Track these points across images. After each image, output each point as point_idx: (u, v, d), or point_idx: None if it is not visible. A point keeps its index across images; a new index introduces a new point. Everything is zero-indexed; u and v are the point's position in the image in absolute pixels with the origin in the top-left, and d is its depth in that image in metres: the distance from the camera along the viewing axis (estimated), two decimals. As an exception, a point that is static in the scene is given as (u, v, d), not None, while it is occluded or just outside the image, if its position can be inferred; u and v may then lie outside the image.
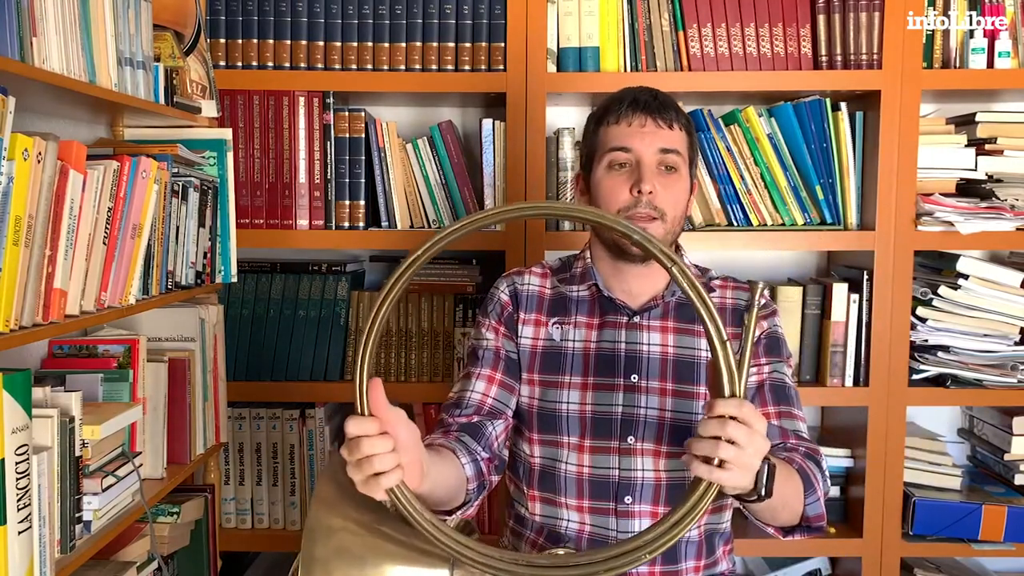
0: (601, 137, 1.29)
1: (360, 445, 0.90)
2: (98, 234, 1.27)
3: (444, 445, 1.20)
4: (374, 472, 0.91)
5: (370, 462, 0.90)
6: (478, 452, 1.23)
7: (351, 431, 0.91)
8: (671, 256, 0.89)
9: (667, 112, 1.26)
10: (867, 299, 1.84)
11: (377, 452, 0.90)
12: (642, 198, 1.23)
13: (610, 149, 1.26)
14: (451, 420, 1.28)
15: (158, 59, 1.51)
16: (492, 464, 1.26)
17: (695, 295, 0.89)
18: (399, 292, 0.91)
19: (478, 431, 1.26)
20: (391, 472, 0.91)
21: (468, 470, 1.20)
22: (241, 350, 1.89)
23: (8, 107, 1.04)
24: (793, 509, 1.16)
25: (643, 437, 1.27)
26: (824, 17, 1.81)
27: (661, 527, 0.91)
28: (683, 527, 0.91)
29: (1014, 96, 1.93)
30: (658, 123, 1.25)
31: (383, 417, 0.91)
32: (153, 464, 1.53)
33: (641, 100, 1.26)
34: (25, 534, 1.10)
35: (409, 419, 0.95)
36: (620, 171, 1.26)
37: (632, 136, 1.25)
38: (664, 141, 1.25)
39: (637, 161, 1.25)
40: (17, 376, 1.07)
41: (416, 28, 1.82)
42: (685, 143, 1.28)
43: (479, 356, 1.33)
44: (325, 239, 1.85)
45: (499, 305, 1.36)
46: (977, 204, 1.81)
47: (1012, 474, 1.92)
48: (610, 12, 1.81)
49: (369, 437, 0.90)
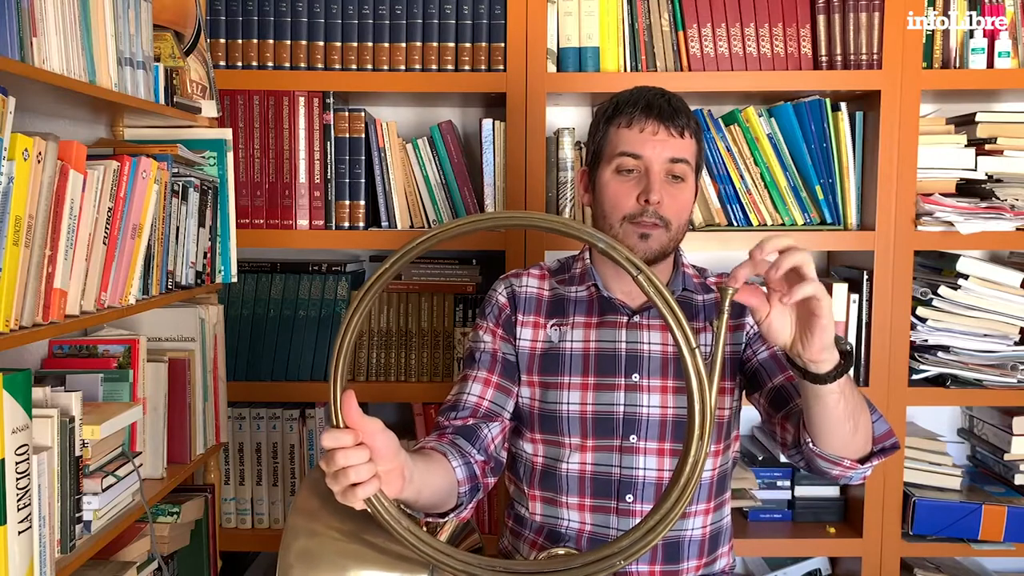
0: (611, 138, 1.28)
1: (335, 457, 0.91)
2: (98, 234, 1.27)
3: (436, 448, 1.20)
4: (350, 483, 0.92)
5: (346, 473, 0.92)
6: (472, 455, 1.23)
7: (326, 444, 0.92)
8: (637, 264, 0.88)
9: (679, 119, 1.24)
10: (867, 299, 1.84)
11: (352, 463, 0.91)
12: (649, 207, 1.23)
13: (619, 153, 1.25)
14: (446, 423, 1.28)
15: (158, 59, 1.51)
16: (487, 466, 1.25)
17: (662, 303, 0.88)
18: (364, 312, 0.93)
19: (473, 434, 1.25)
20: (367, 483, 0.92)
21: (459, 473, 1.19)
22: (241, 350, 1.89)
23: (8, 107, 1.04)
24: (865, 426, 1.12)
25: (645, 436, 1.27)
26: (824, 17, 1.81)
27: (635, 534, 0.92)
28: (657, 534, 0.91)
29: (1014, 96, 1.93)
30: (670, 131, 1.24)
31: (358, 427, 0.92)
32: (153, 464, 1.53)
33: (655, 105, 1.25)
34: (25, 534, 1.10)
35: (386, 427, 0.96)
36: (628, 177, 1.25)
37: (644, 143, 1.24)
38: (674, 151, 1.24)
39: (646, 169, 1.24)
40: (17, 376, 1.07)
41: (416, 28, 1.82)
42: (694, 151, 1.27)
43: (476, 359, 1.33)
44: (325, 239, 1.85)
45: (497, 307, 1.35)
46: (977, 204, 1.81)
47: (1012, 474, 1.92)
48: (610, 12, 1.81)
49: (344, 449, 0.91)
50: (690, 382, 0.89)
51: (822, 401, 1.07)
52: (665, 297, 0.88)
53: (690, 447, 0.90)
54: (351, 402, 0.92)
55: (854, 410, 1.09)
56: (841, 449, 1.13)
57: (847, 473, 1.16)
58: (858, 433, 1.12)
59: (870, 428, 1.15)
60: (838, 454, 1.14)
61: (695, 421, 0.90)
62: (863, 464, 1.15)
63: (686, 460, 0.90)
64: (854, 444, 1.13)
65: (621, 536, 0.93)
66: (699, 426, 0.89)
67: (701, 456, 0.90)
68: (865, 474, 1.17)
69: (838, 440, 1.12)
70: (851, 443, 1.12)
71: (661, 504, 0.91)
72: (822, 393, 1.05)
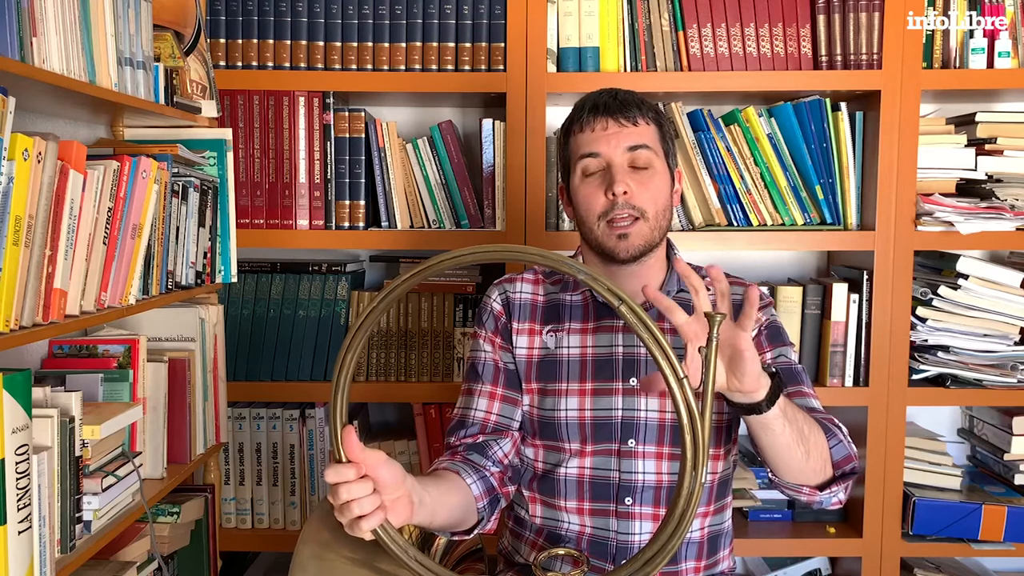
0: (572, 147, 1.30)
1: (339, 492, 0.95)
2: (98, 234, 1.27)
3: (449, 468, 1.21)
4: (355, 516, 0.95)
5: (350, 507, 0.95)
6: (487, 467, 1.24)
7: (330, 479, 0.95)
8: (619, 295, 0.88)
9: (628, 110, 1.25)
10: (867, 299, 1.84)
11: (355, 497, 0.94)
12: (618, 200, 1.23)
13: (580, 157, 1.27)
14: (457, 442, 1.29)
15: (158, 59, 1.51)
16: (505, 475, 1.27)
17: (647, 335, 0.87)
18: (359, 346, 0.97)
19: (484, 449, 1.27)
20: (372, 515, 0.95)
21: (475, 489, 1.21)
22: (241, 350, 1.89)
23: (8, 107, 1.04)
24: (818, 449, 1.14)
25: (644, 440, 1.27)
26: (824, 17, 1.81)
27: (634, 565, 0.92)
28: (655, 566, 0.91)
29: (1014, 96, 1.93)
30: (620, 122, 1.25)
31: (360, 461, 0.95)
32: (153, 464, 1.53)
33: (601, 103, 1.26)
34: (25, 534, 1.10)
35: (390, 457, 0.98)
36: (593, 177, 1.26)
37: (598, 141, 1.25)
38: (630, 139, 1.25)
39: (607, 164, 1.25)
40: (17, 376, 1.07)
41: (416, 28, 1.82)
42: (655, 135, 1.27)
43: (479, 371, 1.33)
44: (325, 239, 1.85)
45: (493, 315, 1.35)
46: (977, 204, 1.81)
47: (1012, 474, 1.92)
48: (610, 12, 1.81)
49: (348, 483, 0.94)
50: (680, 416, 0.87)
51: (769, 429, 1.09)
52: (649, 328, 0.87)
53: (683, 480, 0.88)
54: (352, 437, 0.95)
55: (802, 433, 1.11)
56: (798, 475, 1.16)
57: (813, 499, 1.18)
58: (811, 457, 1.13)
59: (825, 451, 1.16)
60: (796, 482, 1.17)
61: (687, 453, 0.88)
62: (823, 491, 1.17)
63: (680, 492, 0.89)
64: (809, 469, 1.15)
65: (619, 568, 0.93)
66: (691, 457, 0.88)
67: (695, 487, 0.88)
68: (832, 501, 1.19)
69: (795, 466, 1.14)
70: (806, 468, 1.14)
71: (658, 536, 0.91)
72: (768, 421, 1.07)
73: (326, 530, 1.07)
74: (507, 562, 1.40)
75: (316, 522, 1.09)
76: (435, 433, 1.92)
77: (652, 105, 1.30)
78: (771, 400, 1.06)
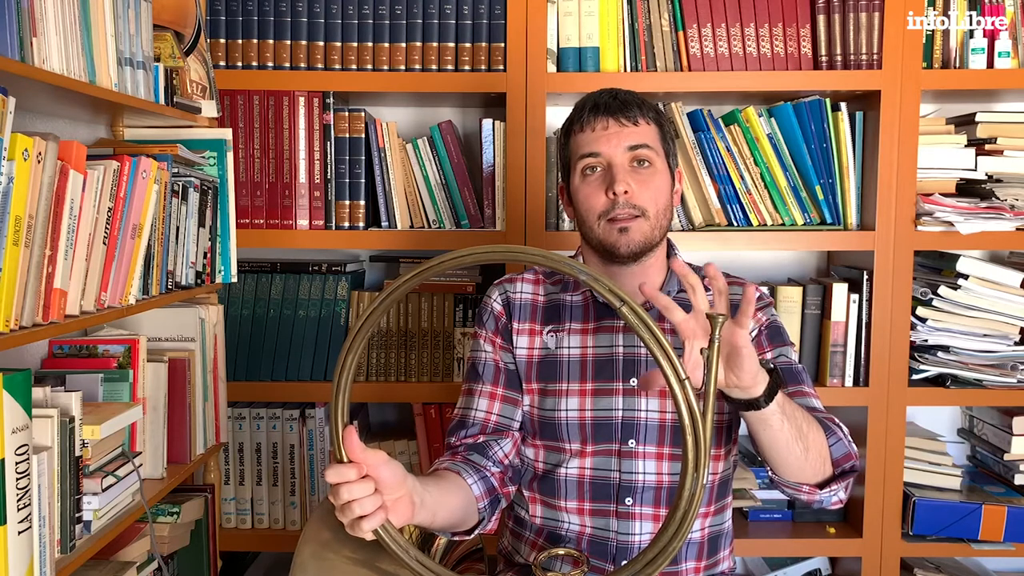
0: (572, 146, 1.30)
1: (340, 492, 0.95)
2: (98, 234, 1.27)
3: (450, 468, 1.21)
4: (356, 516, 0.95)
5: (351, 507, 0.95)
6: (487, 467, 1.25)
7: (330, 479, 0.95)
8: (621, 296, 0.88)
9: (628, 110, 1.26)
10: (867, 299, 1.84)
11: (356, 497, 0.95)
12: (619, 199, 1.23)
13: (581, 156, 1.27)
14: (457, 443, 1.29)
15: (158, 59, 1.51)
16: (506, 476, 1.27)
17: (649, 336, 0.86)
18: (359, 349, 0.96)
19: (485, 450, 1.27)
20: (373, 515, 0.95)
21: (476, 489, 1.21)
22: (241, 350, 1.89)
23: (8, 107, 1.04)
24: (817, 445, 1.14)
25: (644, 440, 1.27)
26: (824, 17, 1.81)
27: (634, 567, 0.92)
28: (656, 567, 0.91)
29: (1014, 96, 1.93)
30: (621, 122, 1.25)
31: (361, 461, 0.95)
32: (153, 464, 1.53)
33: (601, 103, 1.27)
34: (25, 534, 1.10)
35: (391, 457, 0.98)
36: (594, 176, 1.27)
37: (598, 140, 1.26)
38: (630, 138, 1.25)
39: (608, 163, 1.25)
40: (17, 376, 1.07)
41: (416, 28, 1.82)
42: (655, 135, 1.28)
43: (479, 371, 1.33)
44: (325, 239, 1.85)
45: (493, 316, 1.35)
46: (977, 204, 1.81)
47: (1012, 474, 1.92)
48: (610, 12, 1.81)
49: (348, 483, 0.95)
50: (682, 417, 0.87)
51: (768, 425, 1.09)
52: (651, 329, 0.87)
53: (685, 481, 0.88)
54: (353, 437, 0.95)
55: (800, 430, 1.12)
56: (797, 473, 1.16)
57: (813, 498, 1.18)
58: (810, 454, 1.14)
59: (824, 449, 1.16)
60: (795, 480, 1.17)
61: (689, 455, 0.87)
62: (823, 489, 1.17)
63: (681, 494, 0.88)
64: (809, 466, 1.15)
65: (620, 569, 0.93)
66: (692, 460, 0.87)
67: (697, 490, 0.88)
68: (832, 500, 1.20)
69: (794, 463, 1.14)
70: (805, 465, 1.14)
71: (660, 537, 0.91)
72: (767, 417, 1.08)
73: (327, 530, 1.07)
74: (507, 562, 1.40)
75: (317, 522, 1.09)
76: (435, 433, 1.92)
77: (652, 105, 1.30)
78: (769, 396, 1.06)
